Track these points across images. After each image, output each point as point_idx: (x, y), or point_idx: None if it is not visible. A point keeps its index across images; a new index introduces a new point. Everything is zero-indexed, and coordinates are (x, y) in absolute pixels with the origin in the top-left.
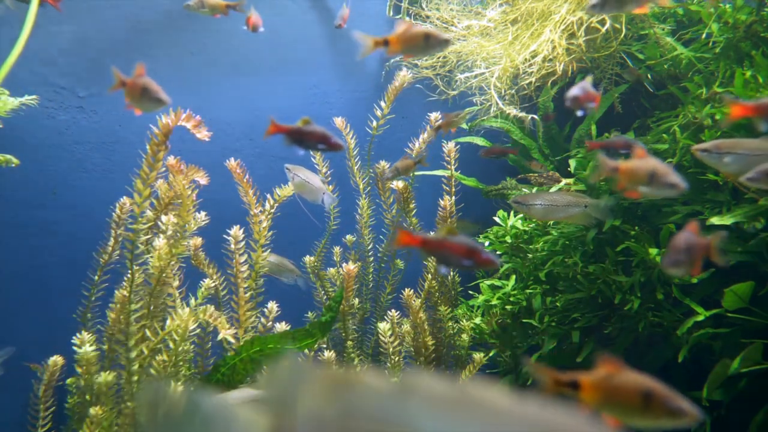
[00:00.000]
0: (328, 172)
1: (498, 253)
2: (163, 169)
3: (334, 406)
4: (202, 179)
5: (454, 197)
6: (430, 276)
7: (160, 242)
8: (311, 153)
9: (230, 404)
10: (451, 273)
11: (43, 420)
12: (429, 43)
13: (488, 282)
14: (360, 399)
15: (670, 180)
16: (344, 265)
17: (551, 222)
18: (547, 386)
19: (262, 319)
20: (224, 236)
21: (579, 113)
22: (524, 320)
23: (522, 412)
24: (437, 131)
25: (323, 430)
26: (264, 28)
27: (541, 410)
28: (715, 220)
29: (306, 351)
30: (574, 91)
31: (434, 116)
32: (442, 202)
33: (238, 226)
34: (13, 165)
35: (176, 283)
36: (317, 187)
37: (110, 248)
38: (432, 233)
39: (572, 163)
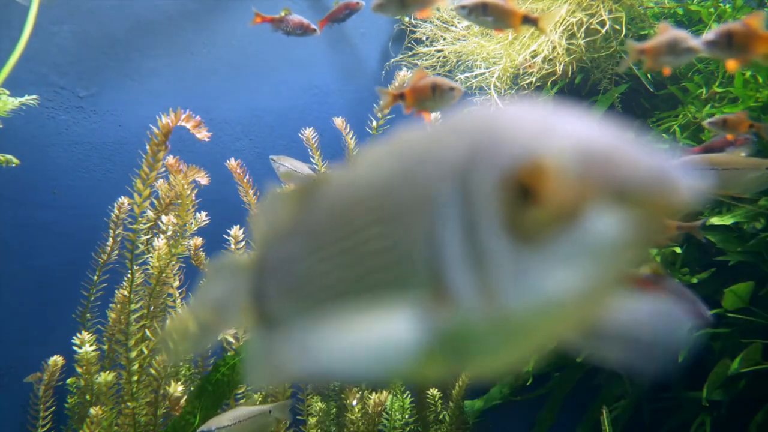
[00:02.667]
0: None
1: None
2: (163, 169)
3: (298, 215)
4: (203, 179)
5: None
6: None
7: (159, 242)
8: (310, 153)
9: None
10: None
11: (43, 420)
12: (436, 95)
13: None
14: (320, 195)
15: (688, 44)
16: None
17: None
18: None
19: None
20: (224, 236)
21: None
22: None
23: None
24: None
25: (291, 241)
26: (264, 28)
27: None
28: (715, 220)
29: None
30: None
31: (434, 116)
32: None
33: (238, 226)
34: (13, 165)
35: (176, 283)
36: (305, 174)
37: (109, 248)
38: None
39: None
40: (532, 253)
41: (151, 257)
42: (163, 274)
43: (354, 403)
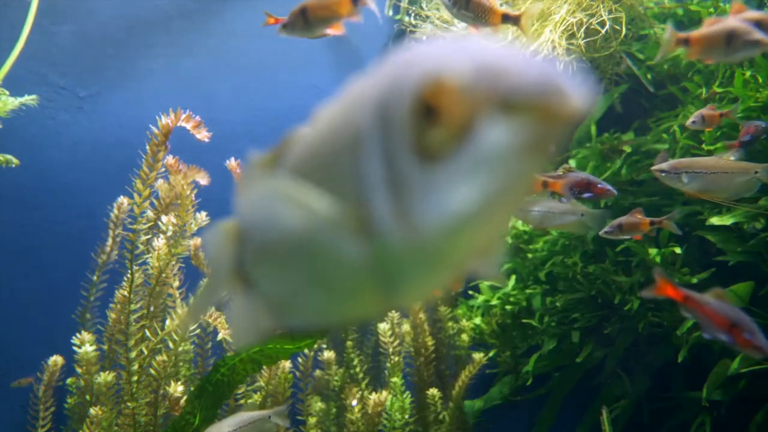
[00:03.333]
0: None
1: None
2: (163, 169)
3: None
4: (203, 179)
5: None
6: None
7: (159, 242)
8: None
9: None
10: None
11: (43, 420)
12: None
13: (488, 282)
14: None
15: (753, 37)
16: None
17: None
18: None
19: None
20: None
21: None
22: (524, 320)
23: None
24: None
25: (259, 202)
26: (264, 28)
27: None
28: (715, 221)
29: (306, 351)
30: None
31: None
32: None
33: None
34: (13, 165)
35: (176, 283)
36: None
37: (109, 248)
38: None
39: (572, 163)
40: (438, 173)
41: (151, 257)
42: (163, 274)
43: (354, 403)
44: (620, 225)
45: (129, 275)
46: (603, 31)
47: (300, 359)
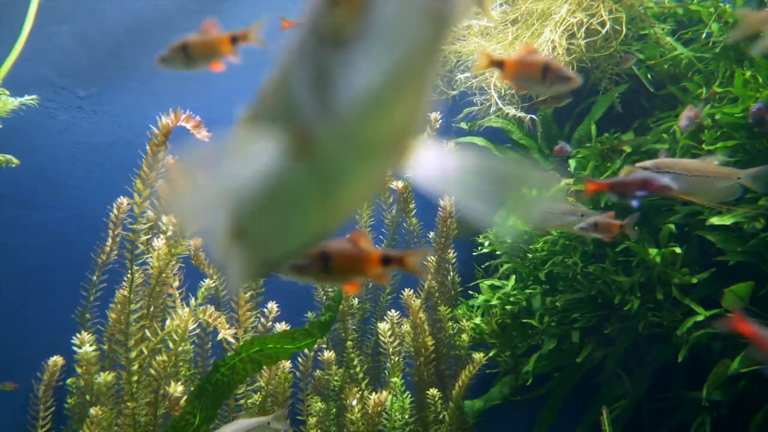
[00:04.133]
0: None
1: (498, 252)
2: (163, 169)
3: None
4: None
5: (454, 197)
6: (429, 276)
7: (159, 242)
8: None
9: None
10: (451, 273)
11: (43, 420)
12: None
13: (488, 282)
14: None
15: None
16: None
17: None
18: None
19: (262, 320)
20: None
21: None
22: (524, 320)
23: None
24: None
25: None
26: (264, 28)
27: None
28: (715, 221)
29: (306, 351)
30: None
31: (434, 116)
32: (442, 202)
33: None
34: (13, 165)
35: (176, 283)
36: None
37: (108, 248)
38: None
39: (572, 163)
40: (350, 54)
41: (151, 257)
42: (163, 274)
43: (354, 403)
44: (595, 223)
45: (129, 275)
46: (603, 31)
47: (300, 359)
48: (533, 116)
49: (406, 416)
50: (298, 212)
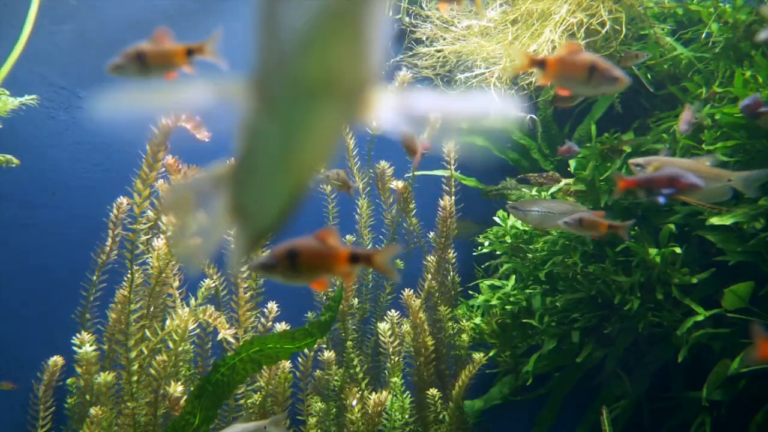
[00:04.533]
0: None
1: (498, 252)
2: (163, 169)
3: None
4: None
5: (454, 197)
6: (429, 276)
7: (159, 242)
8: None
9: None
10: (451, 273)
11: (43, 420)
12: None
13: (488, 282)
14: None
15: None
16: None
17: None
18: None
19: (262, 319)
20: (224, 236)
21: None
22: (524, 320)
23: None
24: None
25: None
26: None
27: None
28: (714, 221)
29: (306, 351)
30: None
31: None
32: (442, 202)
33: None
34: (13, 165)
35: (176, 283)
36: None
37: (108, 248)
38: None
39: (572, 163)
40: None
41: (151, 257)
42: (163, 274)
43: (354, 403)
44: (581, 220)
45: (129, 275)
46: (603, 32)
47: (300, 359)
48: (533, 116)
49: (406, 416)
50: (271, 170)
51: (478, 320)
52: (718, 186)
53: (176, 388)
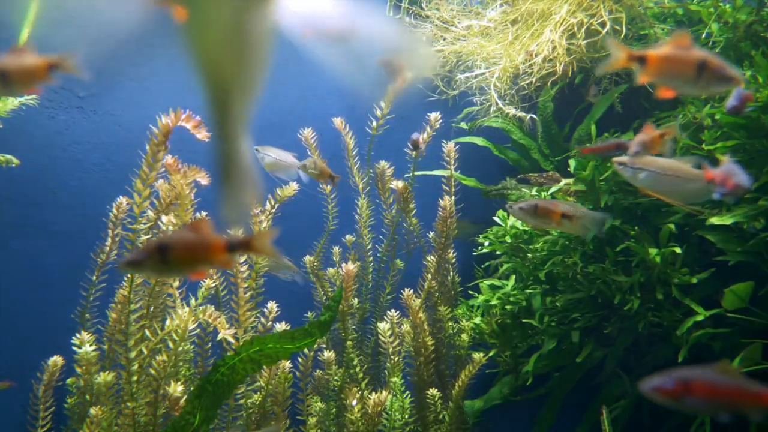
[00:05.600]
0: None
1: (498, 252)
2: (163, 169)
3: None
4: (203, 180)
5: (454, 197)
6: (429, 276)
7: None
8: (309, 153)
9: None
10: (451, 273)
11: (43, 420)
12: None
13: (488, 282)
14: None
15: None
16: (343, 265)
17: None
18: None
19: (262, 320)
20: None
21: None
22: (524, 320)
23: None
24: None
25: None
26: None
27: None
28: (714, 220)
29: (306, 351)
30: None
31: (434, 116)
32: (442, 202)
33: None
34: (13, 165)
35: (176, 283)
36: (290, 163)
37: (108, 248)
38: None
39: (572, 162)
40: None
41: None
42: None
43: (354, 403)
44: (535, 206)
45: (129, 275)
46: (603, 32)
47: (300, 359)
48: (533, 116)
49: (406, 416)
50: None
51: (478, 320)
52: (697, 187)
53: (176, 388)
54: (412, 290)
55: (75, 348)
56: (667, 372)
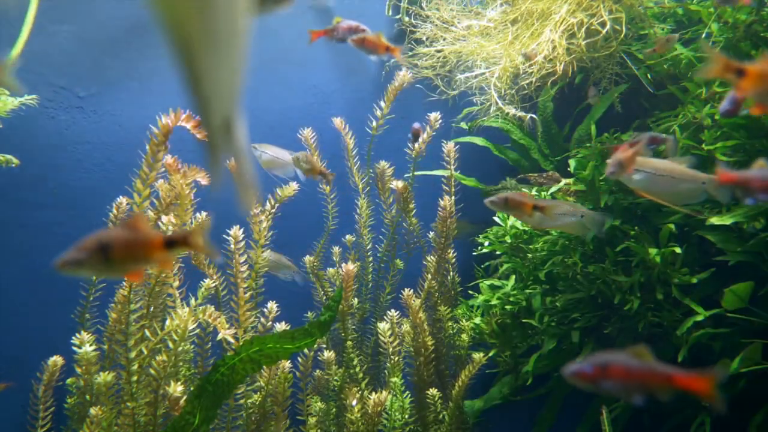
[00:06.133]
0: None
1: (498, 252)
2: (163, 169)
3: None
4: (203, 179)
5: (454, 197)
6: (429, 276)
7: None
8: (308, 150)
9: None
10: (451, 273)
11: (43, 420)
12: None
13: (488, 282)
14: None
15: None
16: (343, 265)
17: None
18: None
19: (262, 319)
20: (224, 236)
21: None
22: (524, 320)
23: None
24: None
25: None
26: (264, 28)
27: None
28: (714, 220)
29: (306, 351)
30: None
31: (434, 116)
32: (442, 202)
33: (238, 226)
34: (13, 165)
35: (176, 283)
36: (287, 161)
37: None
38: None
39: (572, 163)
40: None
41: None
42: (163, 274)
43: (354, 403)
44: (506, 199)
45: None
46: (603, 32)
47: (300, 359)
48: (533, 116)
49: (406, 416)
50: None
51: (477, 320)
52: (691, 187)
53: (176, 388)
54: (412, 290)
55: (75, 348)
56: (586, 358)
